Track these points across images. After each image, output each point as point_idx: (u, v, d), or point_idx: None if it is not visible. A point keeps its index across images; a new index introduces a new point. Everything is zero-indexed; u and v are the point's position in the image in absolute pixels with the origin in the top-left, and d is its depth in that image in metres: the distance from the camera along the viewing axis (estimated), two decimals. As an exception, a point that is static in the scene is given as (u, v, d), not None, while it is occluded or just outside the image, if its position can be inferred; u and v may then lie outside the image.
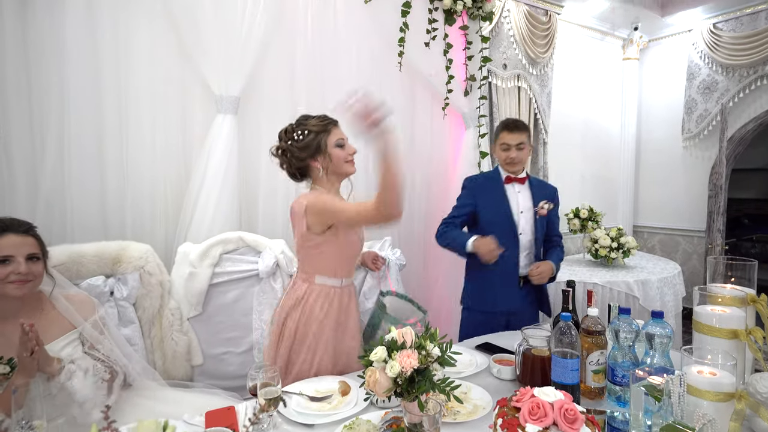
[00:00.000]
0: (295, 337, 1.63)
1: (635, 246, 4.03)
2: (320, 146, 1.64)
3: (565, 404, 0.83)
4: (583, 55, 4.75)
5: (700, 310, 1.42)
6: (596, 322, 1.44)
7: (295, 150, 1.64)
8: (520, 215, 2.23)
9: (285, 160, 1.68)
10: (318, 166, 1.65)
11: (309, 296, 1.64)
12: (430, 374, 0.95)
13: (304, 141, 1.63)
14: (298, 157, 1.64)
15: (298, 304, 1.64)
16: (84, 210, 2.05)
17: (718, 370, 1.20)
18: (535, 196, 2.26)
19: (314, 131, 1.64)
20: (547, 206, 2.23)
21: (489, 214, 2.24)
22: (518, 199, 2.25)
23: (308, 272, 1.68)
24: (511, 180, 2.26)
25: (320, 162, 1.64)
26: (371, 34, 2.61)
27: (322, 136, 1.64)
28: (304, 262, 1.69)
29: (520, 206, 2.25)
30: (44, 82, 1.97)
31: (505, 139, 2.21)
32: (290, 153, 1.65)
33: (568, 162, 4.74)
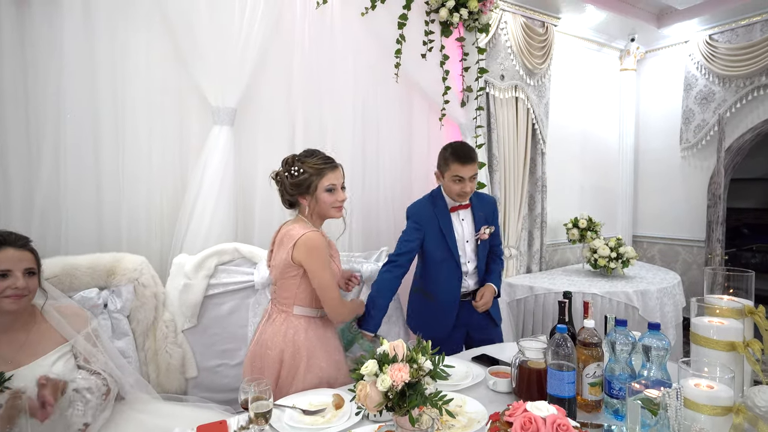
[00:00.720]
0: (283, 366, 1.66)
1: (634, 256, 4.02)
2: (310, 187, 1.68)
3: (558, 419, 0.82)
4: (581, 66, 4.78)
5: (697, 322, 1.41)
6: (593, 333, 1.42)
7: (287, 183, 1.69)
8: (465, 245, 2.21)
9: (279, 187, 1.74)
10: (305, 204, 1.70)
11: (296, 335, 1.66)
12: (421, 388, 0.93)
13: (298, 178, 1.67)
14: (289, 191, 1.70)
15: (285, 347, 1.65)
16: (79, 221, 2.04)
17: (715, 383, 1.18)
18: (476, 219, 2.21)
19: (309, 172, 1.68)
20: (488, 231, 2.20)
21: (434, 249, 2.17)
22: (463, 228, 2.21)
23: (286, 303, 1.70)
24: (456, 209, 2.20)
25: (308, 201, 1.70)
26: (368, 45, 2.63)
27: (314, 178, 1.68)
28: (282, 292, 1.70)
29: (465, 235, 2.21)
30: (41, 92, 1.97)
31: (458, 172, 2.06)
32: (283, 184, 1.71)
33: (567, 172, 4.74)
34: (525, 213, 4.30)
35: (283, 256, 1.65)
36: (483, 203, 2.28)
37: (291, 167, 1.69)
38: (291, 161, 1.72)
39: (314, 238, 1.63)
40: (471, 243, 2.21)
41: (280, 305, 1.70)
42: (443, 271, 2.18)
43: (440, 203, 2.20)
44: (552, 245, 4.68)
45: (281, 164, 1.74)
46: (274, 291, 1.74)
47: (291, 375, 1.62)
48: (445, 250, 2.16)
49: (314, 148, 1.78)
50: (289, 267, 1.65)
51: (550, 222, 4.53)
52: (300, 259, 1.63)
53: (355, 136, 2.62)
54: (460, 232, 2.20)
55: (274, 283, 1.73)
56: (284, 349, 1.64)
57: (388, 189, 2.64)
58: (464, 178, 2.07)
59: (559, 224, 4.52)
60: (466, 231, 2.21)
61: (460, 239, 2.20)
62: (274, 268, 1.72)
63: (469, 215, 2.22)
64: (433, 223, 2.17)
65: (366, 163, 2.69)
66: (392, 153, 2.62)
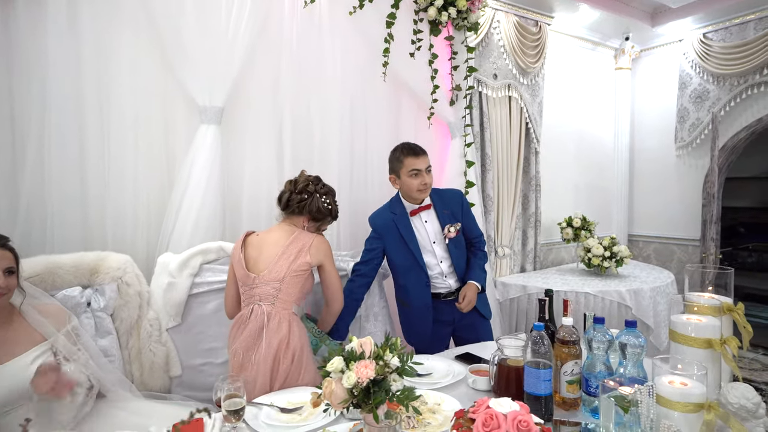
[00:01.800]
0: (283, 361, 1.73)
1: (628, 255, 4.01)
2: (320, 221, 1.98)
3: (519, 416, 0.82)
4: (576, 64, 4.78)
5: (675, 320, 1.40)
6: (571, 331, 1.42)
7: (314, 204, 1.92)
8: (434, 246, 2.20)
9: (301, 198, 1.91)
10: (305, 225, 1.94)
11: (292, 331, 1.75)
12: (387, 385, 0.93)
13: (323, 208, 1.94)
14: (309, 209, 1.92)
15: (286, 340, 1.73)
16: (65, 220, 2.04)
17: (689, 380, 1.18)
18: (441, 218, 2.20)
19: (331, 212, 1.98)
20: (454, 228, 2.18)
21: (396, 255, 2.19)
22: (427, 229, 2.20)
23: (287, 301, 1.78)
24: (416, 212, 2.18)
25: (308, 227, 1.95)
26: (356, 44, 2.63)
27: (328, 219, 2.01)
28: (288, 289, 1.78)
29: (431, 236, 2.20)
30: (25, 91, 1.97)
31: (414, 165, 2.08)
32: (310, 201, 1.92)
33: (562, 172, 4.74)
34: (519, 212, 4.29)
35: (299, 257, 1.80)
36: (445, 199, 2.24)
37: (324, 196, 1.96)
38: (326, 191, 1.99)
39: (324, 241, 1.91)
40: (440, 243, 2.20)
41: (283, 303, 1.77)
42: (410, 277, 2.18)
43: (399, 209, 2.19)
44: (546, 244, 4.68)
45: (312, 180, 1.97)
46: (276, 290, 1.77)
47: (297, 370, 1.72)
48: (408, 257, 2.16)
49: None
50: (305, 265, 1.81)
51: (545, 221, 4.52)
52: (320, 259, 1.85)
53: (342, 135, 2.62)
54: (424, 234, 2.19)
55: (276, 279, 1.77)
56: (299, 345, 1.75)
57: (377, 188, 2.63)
58: (420, 170, 2.08)
59: (553, 223, 4.51)
60: (431, 232, 2.19)
61: (426, 242, 2.19)
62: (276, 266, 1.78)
63: (432, 215, 2.20)
64: (392, 231, 2.17)
65: (354, 162, 2.68)
66: (380, 152, 2.60)
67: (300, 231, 1.88)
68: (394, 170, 2.17)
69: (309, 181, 1.95)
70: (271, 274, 1.76)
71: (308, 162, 2.53)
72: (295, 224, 1.92)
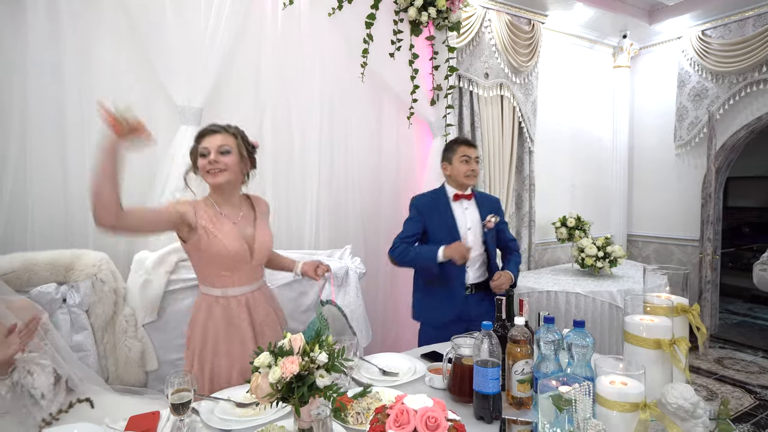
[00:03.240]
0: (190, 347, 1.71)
1: (622, 255, 3.98)
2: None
3: (429, 412, 0.84)
4: (572, 63, 4.74)
5: (629, 320, 1.40)
6: (522, 331, 1.42)
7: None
8: (468, 231, 2.33)
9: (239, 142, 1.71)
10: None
11: (199, 307, 1.72)
12: (311, 380, 0.95)
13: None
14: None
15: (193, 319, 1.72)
16: (46, 220, 2.10)
17: (629, 380, 1.18)
18: (482, 211, 2.37)
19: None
20: (494, 219, 2.33)
21: (437, 233, 2.31)
22: (466, 216, 2.35)
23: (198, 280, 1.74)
24: (458, 197, 2.35)
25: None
26: (336, 45, 2.66)
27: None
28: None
29: (468, 222, 2.34)
30: (5, 91, 2.03)
31: (466, 152, 2.32)
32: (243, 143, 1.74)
33: (557, 171, 4.71)
34: (512, 212, 4.28)
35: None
36: (487, 200, 2.44)
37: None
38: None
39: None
40: (474, 230, 2.32)
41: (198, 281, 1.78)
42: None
43: (443, 196, 2.36)
44: (542, 244, 4.65)
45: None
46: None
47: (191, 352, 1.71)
48: (448, 234, 2.27)
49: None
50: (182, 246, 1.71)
51: (540, 221, 4.50)
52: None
53: (322, 135, 2.65)
54: (462, 220, 2.32)
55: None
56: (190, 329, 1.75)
57: (357, 188, 2.66)
58: (471, 158, 2.31)
59: (548, 223, 4.49)
60: (469, 219, 2.33)
61: (462, 227, 2.31)
62: None
63: (472, 205, 2.37)
64: (434, 211, 2.33)
65: (334, 162, 2.71)
66: (361, 152, 2.64)
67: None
68: (446, 158, 2.38)
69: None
70: None
71: (288, 162, 2.57)
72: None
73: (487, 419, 1.34)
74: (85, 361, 1.90)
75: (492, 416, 1.34)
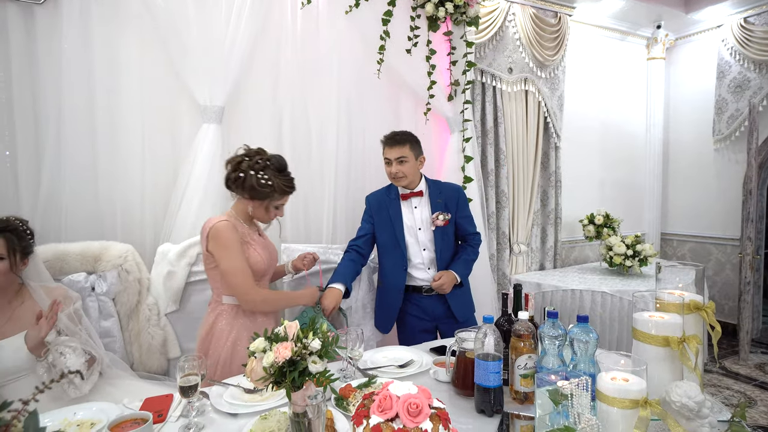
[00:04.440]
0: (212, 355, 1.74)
1: (653, 254, 3.84)
2: (265, 200, 1.77)
3: (411, 398, 0.85)
4: (602, 56, 4.60)
5: (638, 317, 1.37)
6: (526, 325, 1.41)
7: (249, 183, 1.72)
8: (418, 232, 2.24)
9: (234, 174, 1.75)
10: (249, 207, 1.78)
11: (217, 321, 1.75)
12: (302, 366, 0.99)
13: (262, 186, 1.72)
14: (245, 189, 1.73)
15: (209, 333, 1.75)
16: (79, 213, 2.23)
17: (631, 376, 1.15)
18: (433, 206, 2.23)
19: (274, 188, 1.74)
20: (442, 217, 2.20)
21: (380, 234, 2.26)
22: (414, 215, 2.25)
23: (216, 293, 1.79)
24: (407, 196, 2.24)
25: (251, 204, 1.78)
26: (354, 43, 2.68)
27: (275, 195, 1.77)
28: (212, 283, 1.79)
29: (417, 222, 2.24)
30: (45, 94, 2.17)
31: (385, 154, 2.18)
32: (243, 180, 1.73)
33: (586, 167, 4.58)
34: (537, 209, 4.20)
35: (202, 248, 1.76)
36: (442, 190, 2.27)
37: (260, 172, 1.73)
38: (260, 165, 1.74)
39: (222, 228, 1.69)
40: (425, 231, 2.23)
41: (214, 294, 1.81)
42: (390, 257, 2.25)
43: (393, 192, 2.27)
44: (569, 242, 4.54)
45: (249, 155, 1.77)
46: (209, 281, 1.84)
47: (214, 362, 1.71)
48: (390, 236, 2.22)
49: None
50: (208, 258, 1.75)
51: (567, 218, 4.40)
52: (210, 248, 1.71)
53: (340, 132, 2.69)
54: (411, 219, 2.24)
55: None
56: (205, 337, 1.75)
57: (374, 183, 2.67)
58: (390, 160, 2.15)
59: (576, 220, 4.38)
60: (419, 218, 2.24)
61: (411, 227, 2.23)
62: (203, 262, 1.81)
63: (423, 202, 2.25)
64: (382, 210, 2.25)
65: (351, 157, 2.74)
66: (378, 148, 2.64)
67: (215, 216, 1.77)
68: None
69: (243, 157, 1.75)
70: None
71: (306, 159, 2.62)
72: (239, 206, 1.80)
73: (488, 413, 1.34)
74: (111, 346, 2.02)
75: (493, 410, 1.33)
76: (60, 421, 1.29)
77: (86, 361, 1.64)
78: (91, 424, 1.28)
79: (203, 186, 2.34)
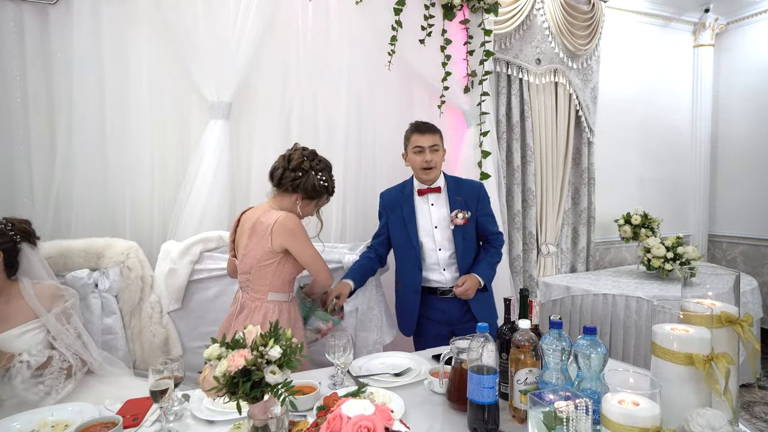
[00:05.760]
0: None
1: (696, 257, 3.51)
2: (316, 199, 1.82)
3: (363, 420, 0.74)
4: (641, 44, 4.29)
5: (657, 329, 1.19)
6: (528, 335, 1.27)
7: (309, 183, 1.76)
8: (434, 230, 2.10)
9: (295, 175, 1.75)
10: (299, 204, 1.79)
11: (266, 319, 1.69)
12: (256, 376, 0.90)
13: (319, 186, 1.78)
14: (304, 187, 1.76)
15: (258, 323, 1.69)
16: (90, 209, 2.25)
17: (642, 399, 0.99)
18: (451, 204, 2.09)
19: (329, 189, 1.83)
20: (462, 215, 2.06)
21: (395, 233, 2.15)
22: (431, 213, 2.11)
23: (260, 291, 1.73)
24: (424, 192, 2.10)
25: (301, 203, 1.79)
26: (365, 35, 2.58)
27: (327, 196, 1.85)
28: (257, 281, 1.73)
29: (434, 220, 2.10)
30: (56, 93, 2.20)
31: (417, 142, 2.06)
32: (304, 180, 1.76)
33: (623, 163, 4.29)
34: (567, 207, 3.96)
35: (261, 245, 1.69)
36: (462, 188, 2.14)
37: (319, 173, 1.78)
38: (321, 167, 1.80)
39: (290, 219, 1.69)
40: (442, 229, 2.10)
41: (255, 293, 1.74)
42: (405, 258, 2.14)
43: (408, 189, 2.15)
44: (603, 243, 4.27)
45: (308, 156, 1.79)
46: (246, 280, 1.76)
47: None
48: (404, 236, 2.10)
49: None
50: (268, 255, 1.69)
51: (601, 218, 4.12)
52: (282, 243, 1.68)
53: (349, 127, 2.59)
54: (426, 217, 2.11)
55: (245, 272, 1.75)
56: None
57: (385, 180, 2.57)
58: (424, 148, 2.04)
59: (611, 220, 4.10)
60: (436, 216, 2.11)
61: (427, 225, 2.11)
62: (246, 258, 1.73)
63: (441, 200, 2.12)
64: (396, 208, 2.14)
65: (361, 153, 2.65)
66: (389, 143, 2.54)
67: (269, 210, 1.72)
68: (405, 148, 2.17)
69: (304, 157, 1.77)
70: (241, 264, 1.75)
71: (315, 155, 2.55)
72: (285, 203, 1.77)
73: (481, 431, 1.20)
74: (114, 343, 2.01)
75: (487, 428, 1.20)
76: (37, 422, 1.26)
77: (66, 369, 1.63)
78: (65, 426, 1.24)
79: (209, 183, 2.31)
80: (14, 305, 1.61)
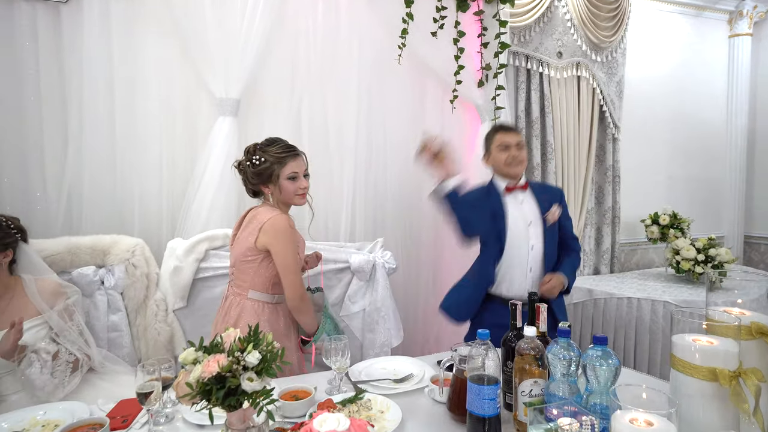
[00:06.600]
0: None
1: (731, 259, 3.32)
2: (272, 176, 1.68)
3: (335, 437, 0.68)
4: (671, 35, 4.07)
5: (677, 340, 1.09)
6: (533, 344, 1.17)
7: (249, 173, 1.69)
8: (529, 228, 2.00)
9: (242, 177, 1.74)
10: (269, 192, 1.71)
11: (242, 316, 1.65)
12: (231, 383, 0.84)
13: (259, 167, 1.67)
14: (251, 180, 1.71)
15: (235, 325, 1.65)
16: (99, 206, 2.25)
17: (656, 418, 0.89)
18: (541, 202, 2.02)
19: (270, 160, 1.67)
20: (558, 209, 2.01)
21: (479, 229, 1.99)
22: (523, 209, 2.02)
23: (241, 286, 1.69)
24: (511, 189, 2.03)
25: (271, 190, 1.70)
26: (375, 29, 2.51)
27: (276, 167, 1.67)
28: (240, 276, 1.70)
29: (528, 216, 2.01)
30: (67, 92, 2.21)
31: (503, 140, 2.04)
32: (246, 174, 1.72)
33: (650, 160, 4.09)
34: (590, 207, 3.79)
35: (247, 239, 1.66)
36: (546, 190, 2.12)
37: (252, 156, 1.70)
38: (252, 150, 1.72)
39: (281, 221, 1.64)
40: (536, 225, 2.01)
41: (237, 288, 1.71)
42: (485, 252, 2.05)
43: (493, 190, 2.07)
44: (629, 244, 4.08)
45: (243, 153, 1.75)
46: (232, 273, 1.74)
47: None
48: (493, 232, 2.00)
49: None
50: (250, 251, 1.65)
51: (627, 218, 3.94)
52: (265, 242, 1.63)
53: (359, 123, 2.53)
54: (517, 215, 2.01)
55: (232, 264, 1.74)
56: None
57: (395, 177, 2.50)
58: (510, 144, 2.02)
59: (637, 220, 3.91)
60: (529, 212, 2.02)
61: (519, 223, 2.00)
62: (233, 249, 1.73)
63: (529, 197, 2.06)
64: (483, 203, 2.02)
65: (372, 151, 2.58)
66: (401, 140, 2.47)
67: (269, 208, 1.68)
68: (486, 149, 2.13)
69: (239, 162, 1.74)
70: (231, 256, 1.73)
71: (324, 152, 2.50)
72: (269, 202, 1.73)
73: (481, 446, 1.12)
74: (119, 340, 2.01)
75: (487, 443, 1.12)
76: (28, 421, 1.25)
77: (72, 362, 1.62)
78: (55, 426, 1.22)
79: (217, 180, 2.29)
80: (18, 302, 1.62)
